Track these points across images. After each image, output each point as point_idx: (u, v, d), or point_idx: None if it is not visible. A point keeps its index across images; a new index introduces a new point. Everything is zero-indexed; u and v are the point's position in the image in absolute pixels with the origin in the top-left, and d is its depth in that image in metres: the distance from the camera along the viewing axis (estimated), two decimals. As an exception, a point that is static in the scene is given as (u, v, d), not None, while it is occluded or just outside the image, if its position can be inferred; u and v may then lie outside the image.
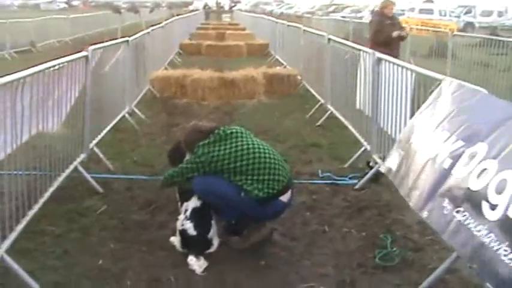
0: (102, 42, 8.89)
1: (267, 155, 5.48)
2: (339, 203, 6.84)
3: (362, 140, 8.23)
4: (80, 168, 7.00)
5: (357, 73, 9.00)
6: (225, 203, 5.42)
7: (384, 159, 7.05)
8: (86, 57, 7.25)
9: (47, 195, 5.69)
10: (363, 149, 8.15)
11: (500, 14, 55.43)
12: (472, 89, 4.96)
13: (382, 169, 6.22)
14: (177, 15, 38.64)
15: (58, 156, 6.22)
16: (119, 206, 6.53)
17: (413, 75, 6.50)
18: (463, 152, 4.25)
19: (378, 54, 7.76)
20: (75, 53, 7.04)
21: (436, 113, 5.09)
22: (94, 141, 7.79)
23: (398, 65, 7.00)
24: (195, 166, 5.46)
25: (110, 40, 9.73)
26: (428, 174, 4.65)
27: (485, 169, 3.88)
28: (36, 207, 5.32)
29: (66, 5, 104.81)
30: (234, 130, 5.60)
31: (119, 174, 7.70)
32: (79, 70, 7.06)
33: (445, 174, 4.35)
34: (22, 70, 4.95)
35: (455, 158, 4.29)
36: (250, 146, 5.48)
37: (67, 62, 6.50)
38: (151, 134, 9.94)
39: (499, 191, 3.63)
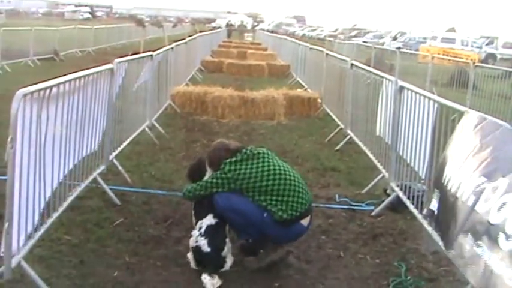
0: (125, 54, 8.97)
1: (292, 178, 5.55)
2: (355, 228, 6.84)
3: (380, 167, 8.22)
4: (99, 180, 7.05)
5: (378, 99, 9.01)
6: (246, 222, 5.45)
7: (402, 187, 7.09)
8: (111, 69, 7.32)
9: (66, 204, 5.72)
10: (380, 175, 8.14)
11: (522, 46, 55.34)
12: (494, 122, 4.95)
13: (425, 213, 6.16)
14: (200, 31, 38.88)
15: (78, 166, 6.27)
16: (135, 219, 6.56)
17: (436, 105, 6.49)
18: (485, 187, 4.23)
19: (401, 83, 7.77)
20: (99, 63, 7.12)
21: (461, 149, 5.07)
22: (114, 153, 7.84)
23: (421, 95, 7.00)
24: (220, 182, 5.50)
25: (133, 53, 9.83)
26: (456, 214, 4.64)
27: (505, 203, 3.88)
28: (54, 216, 5.36)
29: (90, 15, 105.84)
30: (260, 151, 5.68)
31: (137, 187, 7.74)
32: (104, 82, 7.13)
33: (469, 211, 4.34)
34: (46, 79, 4.98)
35: (478, 194, 4.28)
36: (277, 167, 5.54)
37: (93, 73, 6.57)
38: (170, 149, 9.98)
39: None
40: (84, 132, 6.55)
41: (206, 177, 5.84)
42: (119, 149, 8.15)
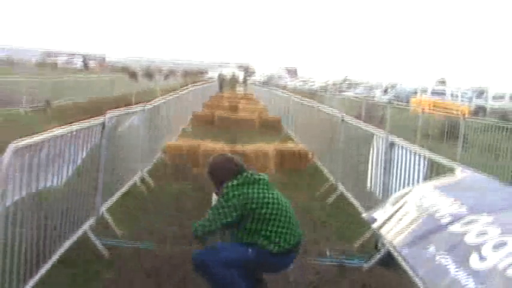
0: (117, 105, 9.00)
1: (287, 210, 5.64)
2: (346, 284, 6.80)
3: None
4: (90, 233, 7.01)
5: (369, 154, 9.05)
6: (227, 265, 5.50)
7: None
8: (103, 123, 7.36)
9: (55, 257, 5.69)
10: (371, 230, 8.12)
11: (512, 98, 55.80)
12: (485, 178, 4.99)
13: (364, 216, 6.24)
14: (192, 83, 39.13)
15: (68, 218, 6.25)
16: (125, 274, 6.50)
17: (427, 161, 6.53)
18: (466, 215, 4.25)
19: (392, 138, 7.83)
20: (91, 115, 7.15)
21: (444, 185, 5.07)
22: (104, 206, 7.83)
23: (411, 151, 7.04)
24: (227, 210, 5.50)
25: (125, 104, 9.85)
26: (421, 224, 4.61)
27: (486, 232, 3.90)
28: (43, 270, 5.32)
29: (83, 65, 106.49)
30: (261, 177, 5.74)
31: (127, 240, 7.68)
32: (95, 135, 7.16)
33: (440, 227, 4.33)
34: (37, 130, 5.01)
35: (456, 217, 4.28)
36: (275, 196, 5.62)
37: (84, 128, 6.61)
38: (160, 201, 9.94)
39: (496, 249, 3.65)
40: (75, 185, 6.55)
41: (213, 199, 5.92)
42: (110, 201, 8.14)
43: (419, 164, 6.71)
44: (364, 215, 6.36)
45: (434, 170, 6.24)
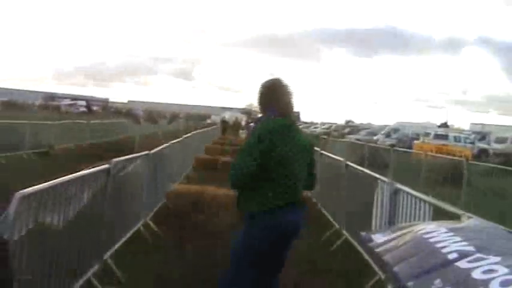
0: (119, 149, 9.03)
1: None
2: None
3: (376, 269, 8.17)
4: (94, 281, 6.98)
5: (373, 200, 9.05)
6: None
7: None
8: (108, 170, 7.39)
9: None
10: (377, 277, 8.09)
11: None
12: (492, 224, 4.98)
13: (362, 234, 6.15)
14: (195, 128, 39.26)
15: (73, 265, 6.24)
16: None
17: (431, 208, 6.53)
18: (473, 254, 4.22)
19: (396, 185, 7.83)
20: (94, 159, 7.18)
21: (451, 227, 5.05)
22: (108, 253, 7.81)
23: (416, 197, 7.04)
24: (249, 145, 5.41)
25: (127, 149, 9.87)
26: (427, 258, 4.55)
27: (493, 270, 3.87)
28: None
29: (86, 109, 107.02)
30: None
31: (131, 288, 7.65)
32: (100, 181, 7.19)
33: (447, 262, 4.28)
34: (41, 175, 5.01)
35: (463, 255, 4.25)
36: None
37: (90, 174, 6.64)
38: (164, 248, 9.89)
39: (503, 286, 3.63)
40: (80, 232, 6.55)
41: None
42: (113, 248, 8.12)
43: (424, 211, 6.71)
44: (362, 233, 6.30)
45: (439, 217, 6.23)
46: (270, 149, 5.29)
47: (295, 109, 5.87)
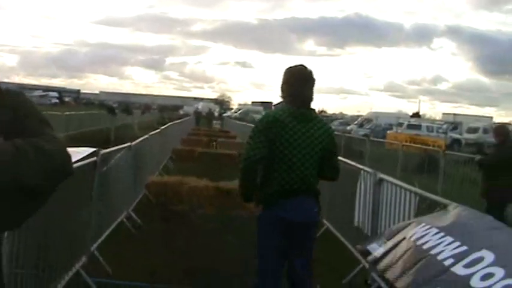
0: (96, 141, 9.04)
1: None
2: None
3: (360, 258, 8.26)
4: (82, 272, 7.00)
5: (356, 190, 9.13)
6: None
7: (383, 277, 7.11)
8: (95, 162, 7.39)
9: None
10: (360, 266, 8.18)
11: (485, 131, 56.55)
12: (478, 213, 5.09)
13: (357, 247, 6.23)
14: (169, 119, 39.10)
15: (62, 258, 6.25)
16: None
17: (417, 198, 6.62)
18: (467, 255, 4.29)
19: (380, 175, 7.92)
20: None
21: (441, 226, 5.11)
22: (95, 244, 7.82)
23: (401, 187, 7.13)
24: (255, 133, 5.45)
25: (104, 141, 9.86)
26: (425, 269, 4.63)
27: (491, 274, 3.95)
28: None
29: (58, 101, 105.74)
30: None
31: (119, 279, 7.66)
32: (87, 173, 7.19)
33: (445, 269, 4.36)
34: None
35: (458, 258, 4.32)
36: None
37: (76, 167, 6.63)
38: (148, 240, 9.92)
39: None
40: (69, 225, 6.56)
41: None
42: (100, 240, 8.13)
43: (409, 201, 6.80)
44: (358, 246, 6.40)
45: (425, 207, 6.31)
46: (271, 138, 5.33)
47: (270, 99, 5.87)
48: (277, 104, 11.68)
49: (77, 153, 6.26)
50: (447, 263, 4.36)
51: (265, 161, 5.39)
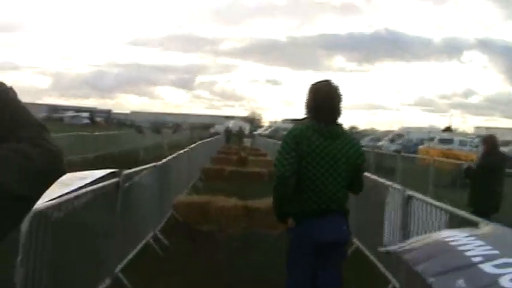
0: (125, 161, 8.99)
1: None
2: None
3: (389, 277, 8.08)
4: (106, 296, 6.91)
5: (384, 208, 8.95)
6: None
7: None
8: (118, 182, 7.32)
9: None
10: (390, 286, 7.99)
11: (520, 143, 55.81)
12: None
13: (380, 250, 6.05)
14: (199, 138, 39.17)
15: (83, 281, 6.16)
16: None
17: (447, 215, 6.43)
18: (498, 257, 4.10)
19: (408, 192, 7.73)
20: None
21: (471, 233, 4.92)
22: (119, 266, 7.73)
23: (430, 204, 6.95)
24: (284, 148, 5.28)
25: (133, 161, 9.80)
26: (450, 259, 4.42)
27: None
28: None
29: (89, 121, 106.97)
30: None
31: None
32: (110, 194, 7.12)
33: (471, 264, 4.16)
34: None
35: (489, 258, 4.13)
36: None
37: (99, 188, 6.57)
38: (174, 260, 9.79)
39: None
40: (91, 246, 6.48)
41: None
42: (124, 261, 8.04)
43: (439, 218, 6.61)
44: (381, 249, 6.22)
45: (455, 225, 6.12)
46: (300, 153, 5.18)
47: (300, 116, 5.74)
48: (302, 120, 11.53)
49: (89, 176, 6.22)
50: (475, 259, 4.15)
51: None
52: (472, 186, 11.35)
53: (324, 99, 5.34)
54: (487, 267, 4.00)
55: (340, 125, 5.46)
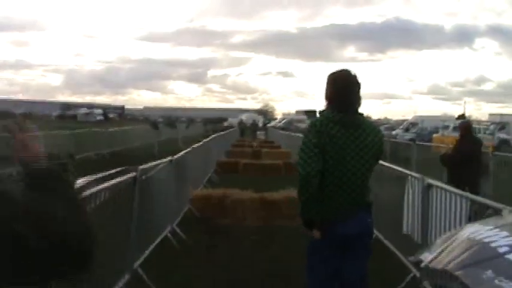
0: (140, 156, 8.97)
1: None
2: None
3: (410, 266, 8.01)
4: (126, 292, 6.89)
5: (403, 197, 8.87)
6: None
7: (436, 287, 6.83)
8: (135, 177, 7.28)
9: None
10: (411, 275, 7.91)
11: (535, 130, 55.46)
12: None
13: (410, 259, 5.98)
14: (213, 131, 39.12)
15: (102, 277, 6.12)
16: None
17: (468, 202, 6.35)
18: None
19: (428, 180, 7.66)
20: (115, 167, 7.04)
21: (494, 223, 4.83)
22: (138, 262, 7.70)
23: (451, 192, 6.87)
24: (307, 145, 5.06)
25: (148, 155, 9.77)
26: (475, 252, 4.36)
27: None
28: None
29: (103, 117, 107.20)
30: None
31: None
32: (128, 189, 7.09)
33: (498, 254, 4.09)
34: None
35: None
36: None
37: (116, 183, 6.53)
38: (192, 255, 9.77)
39: None
40: (110, 241, 6.44)
41: None
42: (143, 256, 8.02)
43: (460, 206, 6.53)
44: (410, 258, 6.14)
45: (477, 212, 6.04)
46: (323, 148, 4.98)
47: (313, 107, 5.61)
48: (322, 112, 11.47)
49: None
50: (502, 250, 4.07)
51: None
52: (449, 172, 11.68)
53: (344, 88, 5.16)
54: None
55: (361, 114, 5.26)
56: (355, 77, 5.23)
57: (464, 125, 12.50)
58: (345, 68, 5.34)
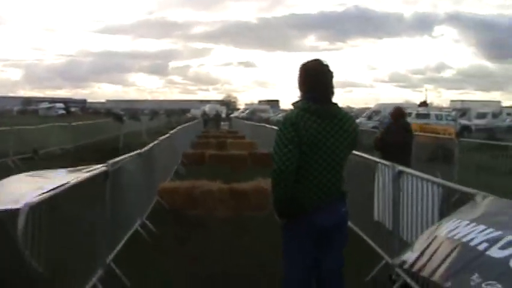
0: (105, 150, 8.91)
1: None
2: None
3: (382, 253, 8.07)
4: (99, 286, 6.82)
5: (373, 184, 8.92)
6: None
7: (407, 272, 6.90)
8: (106, 171, 7.22)
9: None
10: (383, 261, 7.97)
11: (494, 116, 56.29)
12: (508, 201, 4.88)
13: (393, 262, 6.05)
14: (177, 123, 38.95)
15: (75, 271, 6.09)
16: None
17: (440, 189, 6.41)
18: (502, 237, 4.09)
19: (399, 167, 7.70)
20: (81, 163, 7.00)
21: (470, 215, 4.88)
22: (110, 256, 7.65)
23: (422, 179, 6.92)
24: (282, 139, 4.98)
25: (113, 149, 9.70)
26: (458, 255, 4.42)
27: None
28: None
29: (64, 111, 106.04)
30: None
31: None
32: (98, 183, 7.04)
33: (479, 254, 4.16)
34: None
35: (492, 241, 4.12)
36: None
37: (87, 178, 6.48)
38: (164, 247, 9.72)
39: None
40: (82, 236, 6.41)
41: None
42: (115, 251, 7.96)
43: (432, 192, 6.58)
44: (393, 260, 6.18)
45: (449, 198, 6.11)
46: (298, 143, 4.92)
47: (276, 97, 5.58)
48: (295, 103, 11.54)
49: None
50: (481, 247, 4.15)
51: None
52: (382, 157, 11.53)
53: (318, 78, 5.14)
54: (495, 252, 3.98)
55: (335, 104, 5.26)
56: (327, 66, 5.22)
57: (396, 112, 13.23)
58: (316, 58, 5.31)
